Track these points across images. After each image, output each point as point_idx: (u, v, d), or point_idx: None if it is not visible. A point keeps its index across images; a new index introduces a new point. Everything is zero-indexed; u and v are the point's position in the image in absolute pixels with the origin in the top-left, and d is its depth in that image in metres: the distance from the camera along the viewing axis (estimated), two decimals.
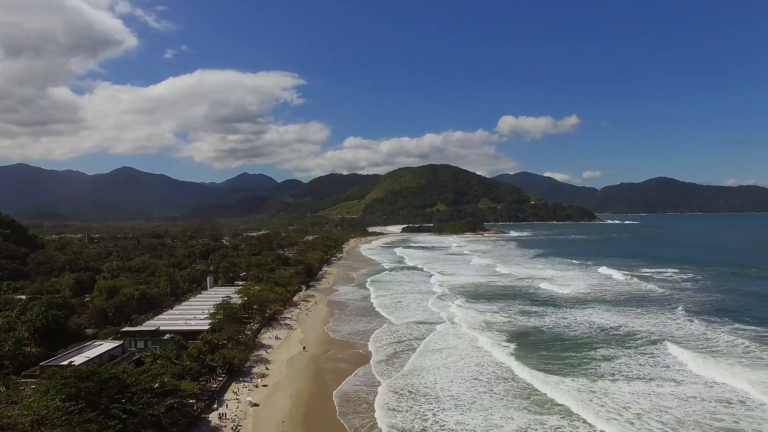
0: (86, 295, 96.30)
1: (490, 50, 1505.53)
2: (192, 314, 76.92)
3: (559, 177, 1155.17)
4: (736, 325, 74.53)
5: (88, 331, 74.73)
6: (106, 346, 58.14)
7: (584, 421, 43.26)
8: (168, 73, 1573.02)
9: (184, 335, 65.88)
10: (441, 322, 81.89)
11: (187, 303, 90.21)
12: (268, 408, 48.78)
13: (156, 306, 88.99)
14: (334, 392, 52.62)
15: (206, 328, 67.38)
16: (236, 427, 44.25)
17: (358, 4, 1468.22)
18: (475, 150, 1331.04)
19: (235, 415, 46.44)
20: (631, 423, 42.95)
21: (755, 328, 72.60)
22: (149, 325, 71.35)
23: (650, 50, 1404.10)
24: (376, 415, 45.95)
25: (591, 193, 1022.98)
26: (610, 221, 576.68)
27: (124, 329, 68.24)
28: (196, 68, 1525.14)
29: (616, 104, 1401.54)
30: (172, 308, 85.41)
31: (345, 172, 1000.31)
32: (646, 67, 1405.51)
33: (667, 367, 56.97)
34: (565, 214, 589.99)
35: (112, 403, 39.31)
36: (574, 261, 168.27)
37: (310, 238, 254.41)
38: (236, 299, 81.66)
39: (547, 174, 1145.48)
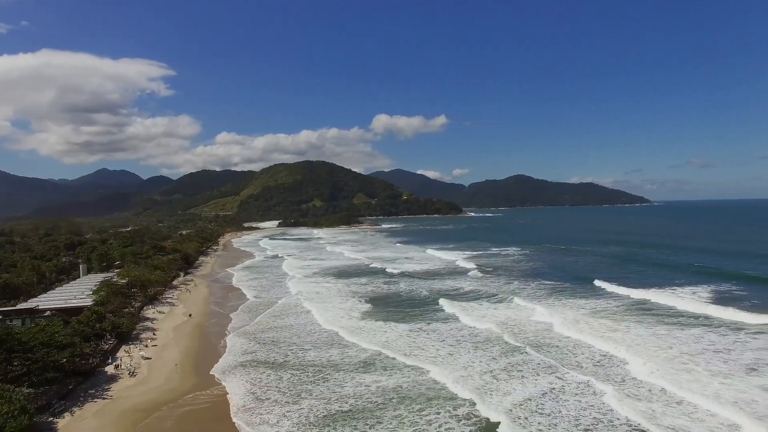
0: None
1: (364, 49, 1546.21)
2: (72, 295, 79.29)
3: (431, 174, 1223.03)
4: (542, 282, 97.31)
5: None
6: None
7: (425, 354, 56.81)
8: (1, 51, 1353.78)
9: (66, 312, 68.86)
10: (308, 293, 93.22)
11: (61, 289, 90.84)
12: (160, 359, 56.21)
13: (23, 295, 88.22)
14: (218, 345, 61.42)
15: (90, 303, 71.19)
16: (133, 372, 51.39)
17: None
18: (351, 147, 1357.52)
19: (130, 365, 53.37)
20: (452, 345, 58.01)
21: (553, 283, 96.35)
22: (25, 305, 72.82)
23: (501, 56, 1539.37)
24: (248, 357, 55.76)
25: (459, 189, 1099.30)
26: (474, 214, 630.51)
27: None
28: (41, 48, 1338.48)
29: (477, 105, 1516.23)
30: (45, 293, 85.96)
31: (218, 169, 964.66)
32: (499, 71, 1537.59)
33: (489, 310, 74.52)
34: (434, 208, 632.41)
35: (13, 354, 44.62)
36: (433, 245, 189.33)
37: (184, 232, 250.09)
38: (118, 280, 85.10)
39: (420, 171, 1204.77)
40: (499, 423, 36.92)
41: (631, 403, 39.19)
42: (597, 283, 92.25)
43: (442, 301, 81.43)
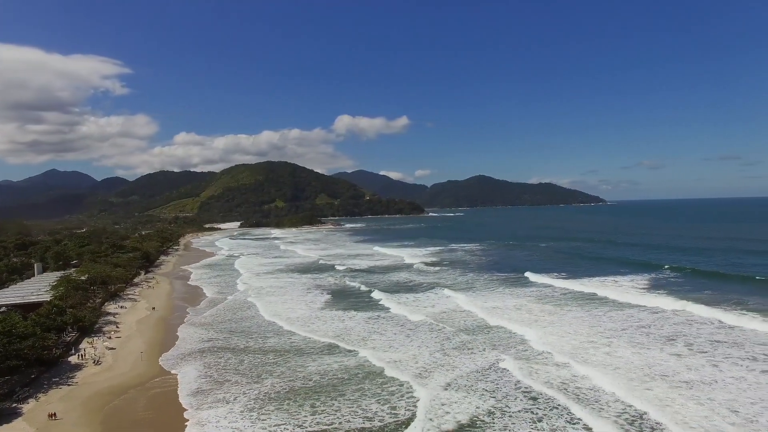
0: None
1: (325, 50, 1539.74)
2: (28, 291, 78.78)
3: (394, 175, 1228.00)
4: (494, 274, 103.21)
5: None
6: None
7: (381, 335, 60.43)
8: None
9: (24, 307, 68.71)
10: (269, 287, 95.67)
11: (15, 286, 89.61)
12: (125, 349, 57.52)
13: None
14: (183, 336, 62.87)
15: (48, 298, 71.19)
16: (98, 361, 52.62)
17: None
18: (313, 148, 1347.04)
19: (95, 355, 54.52)
20: (410, 328, 61.86)
21: (506, 274, 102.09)
22: None
23: (461, 58, 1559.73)
24: (212, 344, 58.04)
25: (422, 190, 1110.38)
26: (436, 214, 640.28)
27: None
28: None
29: (439, 106, 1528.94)
30: None
31: (176, 170, 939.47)
32: (459, 73, 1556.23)
33: (441, 297, 79.18)
34: (397, 208, 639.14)
35: None
36: (393, 243, 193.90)
37: (143, 233, 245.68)
38: (77, 276, 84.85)
39: (382, 172, 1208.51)
40: (445, 390, 40.76)
41: (556, 371, 44.46)
42: (545, 274, 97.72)
43: (390, 296, 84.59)
